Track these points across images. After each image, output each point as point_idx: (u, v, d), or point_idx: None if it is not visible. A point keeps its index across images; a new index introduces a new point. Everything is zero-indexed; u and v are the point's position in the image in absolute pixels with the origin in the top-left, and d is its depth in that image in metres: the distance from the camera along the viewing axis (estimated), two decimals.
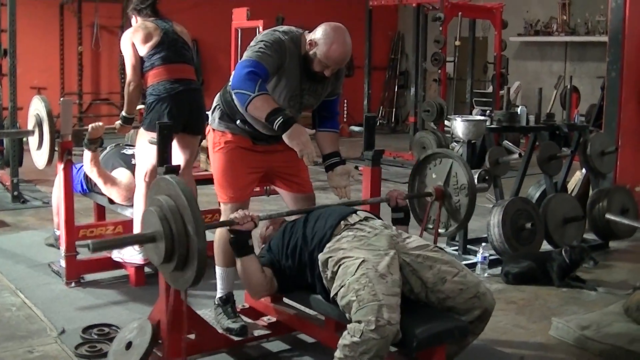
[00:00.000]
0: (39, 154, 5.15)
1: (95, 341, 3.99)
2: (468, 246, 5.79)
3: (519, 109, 6.21)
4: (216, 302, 4.04)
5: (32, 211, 7.28)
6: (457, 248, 5.84)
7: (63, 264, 5.01)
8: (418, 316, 3.22)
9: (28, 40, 11.17)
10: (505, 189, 6.00)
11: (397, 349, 3.26)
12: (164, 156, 3.53)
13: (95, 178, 5.29)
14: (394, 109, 16.02)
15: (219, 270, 4.02)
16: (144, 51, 4.93)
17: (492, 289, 5.05)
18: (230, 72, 4.04)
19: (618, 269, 5.72)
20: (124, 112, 5.17)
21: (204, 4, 13.33)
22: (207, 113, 5.19)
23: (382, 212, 4.08)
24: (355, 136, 13.16)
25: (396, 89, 16.07)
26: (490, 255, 5.49)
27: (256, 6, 9.80)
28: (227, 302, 4.00)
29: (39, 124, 5.07)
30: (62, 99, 5.05)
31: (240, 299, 4.23)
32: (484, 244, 5.56)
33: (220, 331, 3.89)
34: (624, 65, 6.88)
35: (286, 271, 3.58)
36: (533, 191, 6.61)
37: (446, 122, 8.74)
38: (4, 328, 4.23)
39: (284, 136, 3.49)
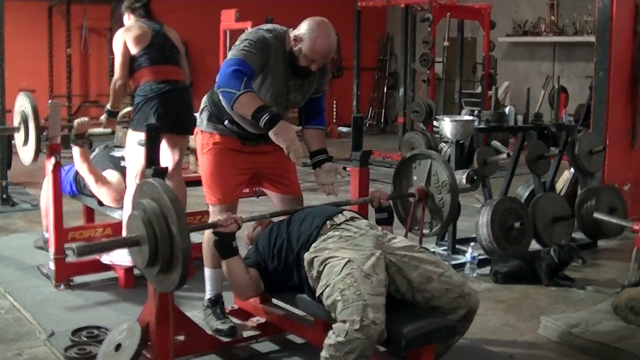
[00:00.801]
0: (25, 150, 5.15)
1: (84, 343, 3.98)
2: (457, 246, 5.80)
3: (507, 109, 6.22)
4: (205, 304, 4.04)
5: (21, 214, 7.27)
6: (446, 248, 5.85)
7: (52, 266, 5.01)
8: (406, 316, 3.23)
9: (16, 43, 11.12)
10: (493, 189, 6.02)
11: (385, 348, 3.27)
12: (152, 157, 3.53)
13: (86, 175, 5.28)
14: (383, 109, 16.03)
15: (207, 272, 4.02)
16: (134, 51, 4.96)
17: (481, 289, 5.09)
18: None
19: (606, 267, 5.75)
20: (108, 106, 5.20)
21: (193, 5, 13.31)
22: (195, 114, 5.22)
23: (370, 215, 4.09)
24: (344, 137, 13.14)
25: (385, 90, 16.08)
26: (479, 255, 5.51)
27: (245, 8, 9.81)
28: (216, 303, 4.00)
29: (24, 120, 5.06)
30: (50, 101, 5.02)
31: (230, 301, 4.24)
32: (472, 243, 5.57)
33: (210, 332, 3.89)
34: (611, 65, 6.90)
35: (273, 272, 3.58)
36: (522, 191, 6.63)
37: (435, 123, 8.76)
38: None
39: (270, 133, 3.51)
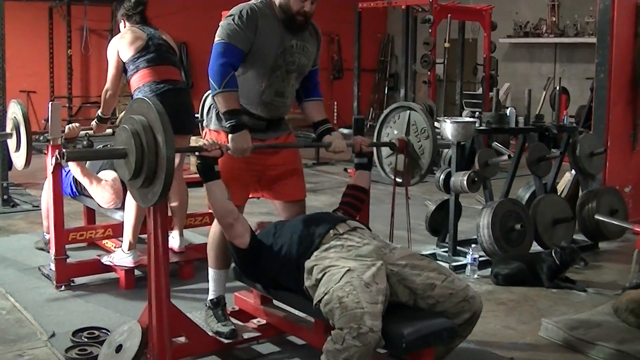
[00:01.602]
0: (17, 156, 5.19)
1: (85, 344, 3.98)
2: (458, 247, 5.79)
3: (508, 111, 6.21)
4: (207, 305, 4.04)
5: (22, 215, 7.27)
6: (446, 249, 5.85)
7: (53, 267, 5.01)
8: (406, 318, 3.22)
9: (17, 44, 11.14)
10: (494, 191, 6.02)
11: (386, 350, 3.27)
12: None
13: (81, 178, 5.29)
14: (383, 111, 16.02)
15: (211, 273, 4.02)
16: (129, 54, 4.97)
17: (482, 291, 5.08)
18: None
19: (607, 269, 5.74)
20: (99, 112, 5.23)
21: (193, 7, 13.32)
22: (195, 115, 5.24)
23: (371, 224, 4.09)
24: (345, 138, 13.15)
25: (386, 91, 16.09)
26: (480, 257, 5.50)
27: None
28: (217, 305, 3.99)
29: (16, 127, 5.08)
30: (50, 102, 5.04)
31: (231, 302, 4.24)
32: (473, 245, 5.57)
33: (210, 334, 3.88)
34: (612, 67, 6.89)
35: (268, 267, 3.63)
36: (522, 192, 6.62)
37: (435, 124, 8.73)
38: None
39: (229, 136, 3.64)
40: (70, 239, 5.33)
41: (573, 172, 6.73)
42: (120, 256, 5.05)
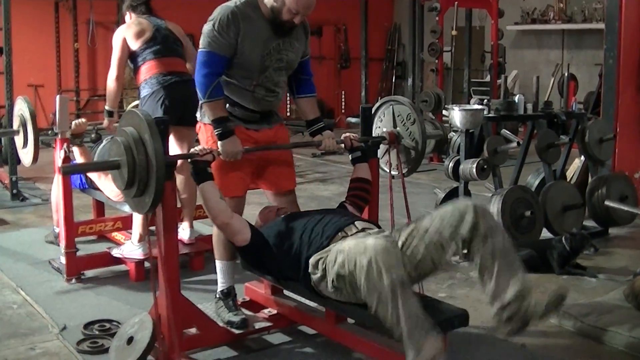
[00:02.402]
0: (24, 152, 5.20)
1: (96, 337, 4.00)
2: None
3: (516, 98, 6.19)
4: (217, 296, 4.04)
5: (32, 209, 7.29)
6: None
7: (63, 260, 5.02)
8: None
9: (24, 38, 11.13)
10: (504, 178, 6.00)
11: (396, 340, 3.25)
12: None
13: (89, 173, 5.29)
14: None
15: (218, 264, 4.03)
16: (136, 46, 4.98)
17: None
18: None
19: (618, 255, 5.72)
20: (106, 107, 5.24)
21: None
22: None
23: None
24: (352, 127, 13.13)
25: (394, 80, 16.03)
26: None
27: None
28: (228, 295, 4.00)
29: (23, 124, 5.09)
30: (58, 95, 5.05)
31: (242, 293, 4.25)
32: None
33: (221, 325, 3.89)
34: (621, 53, 6.86)
35: (274, 260, 3.65)
36: (532, 179, 6.60)
37: (444, 112, 8.73)
38: (6, 326, 4.24)
39: (218, 142, 3.76)
40: (80, 232, 5.34)
41: (582, 158, 6.70)
42: (130, 248, 5.06)
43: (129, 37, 5.01)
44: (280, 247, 3.61)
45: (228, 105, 3.90)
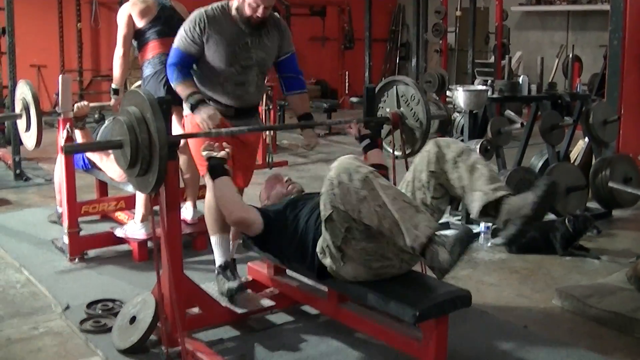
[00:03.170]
0: (27, 136, 5.18)
1: (99, 316, 4.00)
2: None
3: (520, 79, 6.18)
4: (217, 271, 4.05)
5: (35, 189, 7.30)
6: (460, 218, 5.84)
7: (66, 240, 5.03)
8: (419, 287, 3.23)
9: (26, 19, 11.12)
10: (507, 159, 6.00)
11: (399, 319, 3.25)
12: None
13: (91, 155, 5.29)
14: None
15: (213, 239, 4.07)
16: (141, 24, 4.97)
17: (495, 259, 5.09)
18: None
19: (621, 237, 5.73)
20: (113, 85, 5.22)
21: None
22: None
23: None
24: (356, 107, 13.12)
25: (397, 61, 16.00)
26: (493, 225, 5.48)
27: None
28: (226, 268, 4.02)
29: (25, 107, 5.07)
30: (61, 75, 5.03)
31: (244, 273, 4.26)
32: None
33: (221, 297, 3.91)
34: (626, 34, 6.83)
35: (280, 244, 3.62)
36: (536, 161, 6.60)
37: (448, 93, 8.72)
38: (9, 305, 4.25)
39: (194, 112, 4.00)
40: (83, 211, 5.35)
41: (586, 140, 6.69)
42: (133, 228, 5.06)
43: (134, 14, 4.98)
44: (286, 233, 3.59)
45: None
